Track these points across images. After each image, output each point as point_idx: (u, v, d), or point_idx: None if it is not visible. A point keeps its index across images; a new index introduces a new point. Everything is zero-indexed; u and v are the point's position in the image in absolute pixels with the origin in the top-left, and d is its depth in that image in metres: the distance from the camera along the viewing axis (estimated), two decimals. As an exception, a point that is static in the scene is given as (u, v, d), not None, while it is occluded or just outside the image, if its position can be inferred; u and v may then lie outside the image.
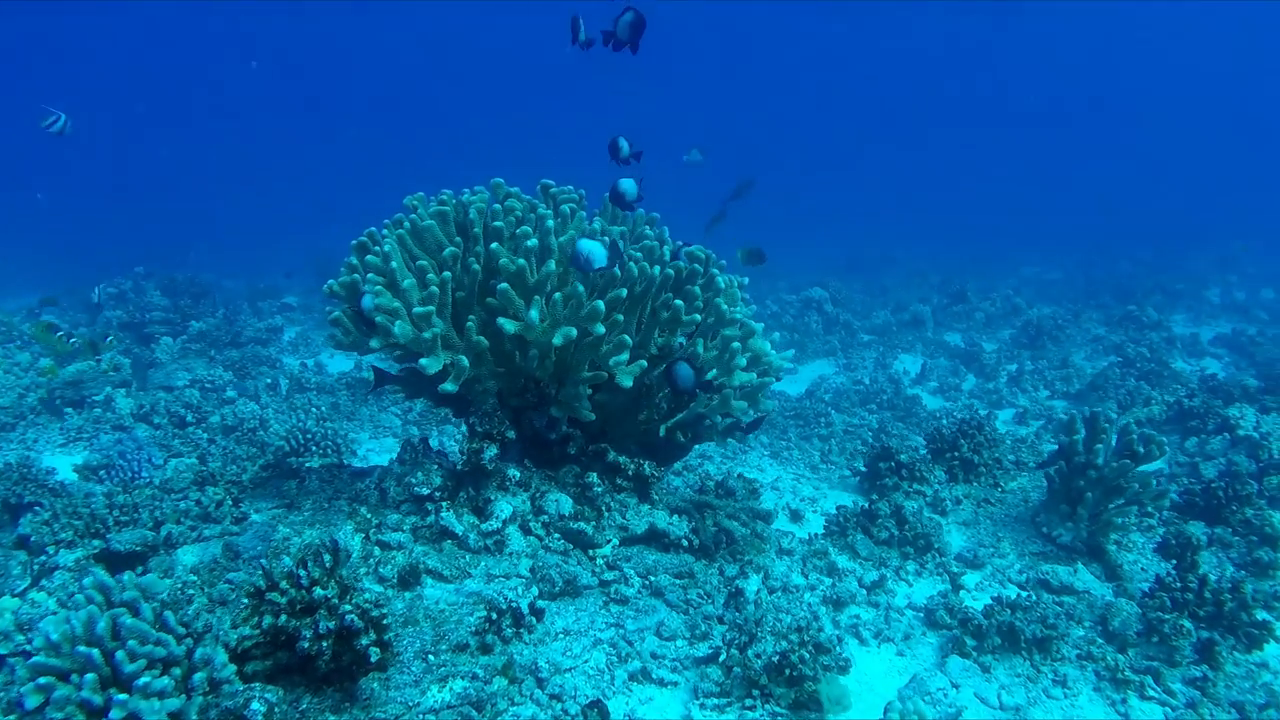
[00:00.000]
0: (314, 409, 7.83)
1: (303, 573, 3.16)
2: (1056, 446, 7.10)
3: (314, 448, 6.68)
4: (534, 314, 4.14)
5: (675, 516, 4.61)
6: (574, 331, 4.13)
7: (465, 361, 4.16)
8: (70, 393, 8.32)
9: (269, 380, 10.01)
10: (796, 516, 5.70)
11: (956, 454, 5.96)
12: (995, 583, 4.84)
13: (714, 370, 4.68)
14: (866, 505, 5.18)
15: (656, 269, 4.56)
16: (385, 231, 4.97)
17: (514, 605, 3.67)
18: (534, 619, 3.73)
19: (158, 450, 7.31)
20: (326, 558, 3.24)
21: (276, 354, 11.66)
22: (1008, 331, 15.57)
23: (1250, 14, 45.25)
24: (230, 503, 6.06)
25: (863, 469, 6.61)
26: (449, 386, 4.16)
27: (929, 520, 5.07)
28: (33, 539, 5.04)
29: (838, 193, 41.92)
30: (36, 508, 5.45)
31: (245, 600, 3.22)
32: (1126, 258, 24.95)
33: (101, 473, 6.80)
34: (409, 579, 4.00)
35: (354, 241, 4.87)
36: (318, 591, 3.11)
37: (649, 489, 4.66)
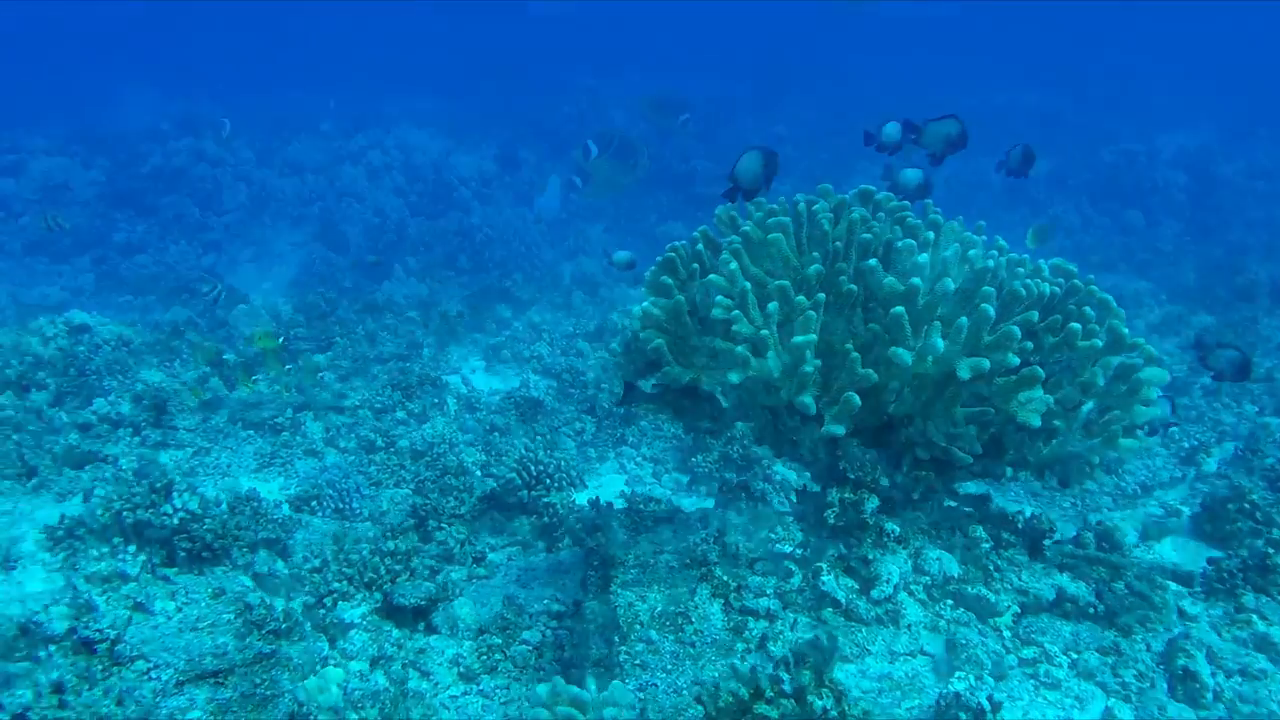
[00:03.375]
0: (539, 436, 7.24)
1: (786, 675, 2.55)
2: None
3: (548, 480, 6.10)
4: (937, 341, 3.50)
5: (1064, 575, 3.93)
6: (985, 363, 3.47)
7: (855, 399, 3.52)
8: (251, 414, 7.87)
9: (434, 400, 9.49)
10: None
11: (1307, 492, 5.20)
12: None
13: (1090, 403, 4.01)
14: (1250, 557, 4.44)
15: (1045, 285, 3.90)
16: (700, 247, 4.36)
17: (978, 703, 3.03)
18: (992, 715, 3.08)
19: (362, 478, 6.81)
20: (812, 656, 2.63)
21: (420, 370, 11.13)
22: (1173, 342, 14.62)
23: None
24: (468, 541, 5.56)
25: (1182, 509, 5.89)
26: (836, 428, 3.53)
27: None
28: (307, 589, 4.54)
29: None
30: (307, 555, 4.94)
31: (705, 709, 2.61)
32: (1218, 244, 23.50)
33: (313, 503, 6.30)
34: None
35: (659, 258, 4.30)
36: (814, 702, 2.49)
37: (1043, 545, 3.98)
